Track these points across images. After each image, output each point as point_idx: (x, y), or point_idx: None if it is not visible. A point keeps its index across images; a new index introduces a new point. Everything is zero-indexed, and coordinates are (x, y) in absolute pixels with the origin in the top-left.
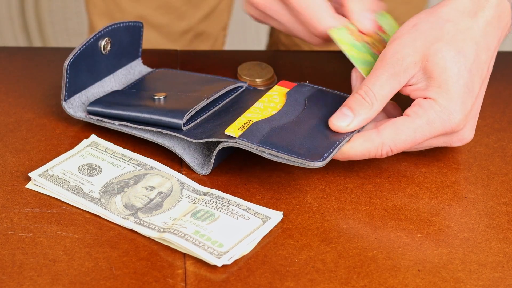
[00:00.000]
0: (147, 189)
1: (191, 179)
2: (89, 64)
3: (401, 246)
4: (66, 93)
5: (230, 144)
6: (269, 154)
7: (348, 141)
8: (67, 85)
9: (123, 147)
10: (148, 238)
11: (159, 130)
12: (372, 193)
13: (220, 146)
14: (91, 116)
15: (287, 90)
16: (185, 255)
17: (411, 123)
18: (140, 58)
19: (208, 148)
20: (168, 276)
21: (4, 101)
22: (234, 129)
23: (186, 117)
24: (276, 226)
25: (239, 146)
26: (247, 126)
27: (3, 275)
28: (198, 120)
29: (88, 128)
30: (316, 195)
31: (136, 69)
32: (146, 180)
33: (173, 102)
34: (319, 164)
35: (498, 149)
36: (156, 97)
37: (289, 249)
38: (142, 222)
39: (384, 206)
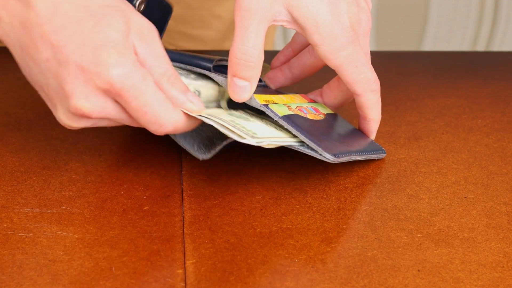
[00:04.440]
0: (195, 90)
1: (191, 177)
2: None
3: (401, 246)
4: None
5: (253, 104)
6: (287, 129)
7: (360, 157)
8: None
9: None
10: (148, 238)
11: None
12: (372, 193)
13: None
14: None
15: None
16: (185, 255)
17: (348, 67)
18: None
19: (209, 139)
20: (168, 276)
21: (4, 101)
22: (259, 99)
23: (215, 62)
24: (276, 226)
25: (262, 110)
26: (271, 103)
27: (3, 275)
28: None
29: (88, 128)
30: (316, 195)
31: None
32: (201, 85)
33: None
34: (330, 157)
35: (498, 149)
36: None
37: (289, 249)
38: None
39: (384, 206)
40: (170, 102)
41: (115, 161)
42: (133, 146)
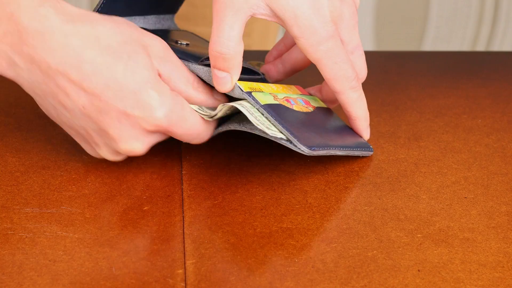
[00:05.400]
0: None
1: (191, 177)
2: None
3: (401, 246)
4: (99, 11)
5: (236, 94)
6: (266, 118)
7: (341, 152)
8: (103, 4)
9: None
10: (148, 238)
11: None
12: (372, 193)
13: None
14: None
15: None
16: (185, 255)
17: (332, 60)
18: (174, 15)
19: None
20: (168, 276)
21: (4, 101)
22: (244, 85)
23: (201, 62)
24: (276, 226)
25: (240, 104)
26: (257, 91)
27: (3, 275)
28: None
29: None
30: (316, 195)
31: (166, 23)
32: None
33: (194, 49)
34: (305, 149)
35: (498, 149)
36: (179, 42)
37: (289, 249)
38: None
39: (384, 206)
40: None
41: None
42: None
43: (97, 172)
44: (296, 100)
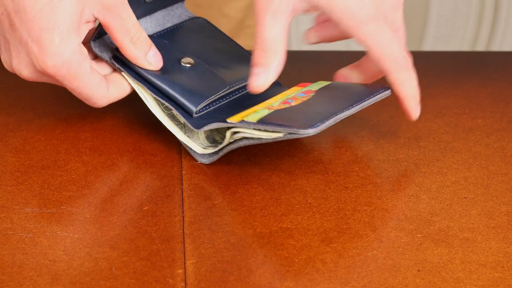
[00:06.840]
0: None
1: (191, 177)
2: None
3: (401, 246)
4: (98, 34)
5: (231, 127)
6: (265, 131)
7: (347, 114)
8: (101, 26)
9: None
10: (148, 238)
11: (171, 109)
12: (372, 193)
13: (224, 143)
14: (114, 62)
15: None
16: (185, 255)
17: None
18: (183, 2)
19: (212, 141)
20: (168, 276)
21: (4, 101)
22: (236, 119)
23: (200, 105)
24: (276, 226)
25: (238, 130)
26: (249, 114)
27: (3, 275)
28: (211, 109)
29: (88, 128)
30: (316, 195)
31: (177, 11)
32: None
33: (196, 78)
34: (310, 131)
35: (498, 149)
36: (182, 64)
37: (289, 249)
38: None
39: (384, 206)
40: (105, 82)
41: (115, 161)
42: (133, 146)
43: (97, 172)
44: (295, 96)
